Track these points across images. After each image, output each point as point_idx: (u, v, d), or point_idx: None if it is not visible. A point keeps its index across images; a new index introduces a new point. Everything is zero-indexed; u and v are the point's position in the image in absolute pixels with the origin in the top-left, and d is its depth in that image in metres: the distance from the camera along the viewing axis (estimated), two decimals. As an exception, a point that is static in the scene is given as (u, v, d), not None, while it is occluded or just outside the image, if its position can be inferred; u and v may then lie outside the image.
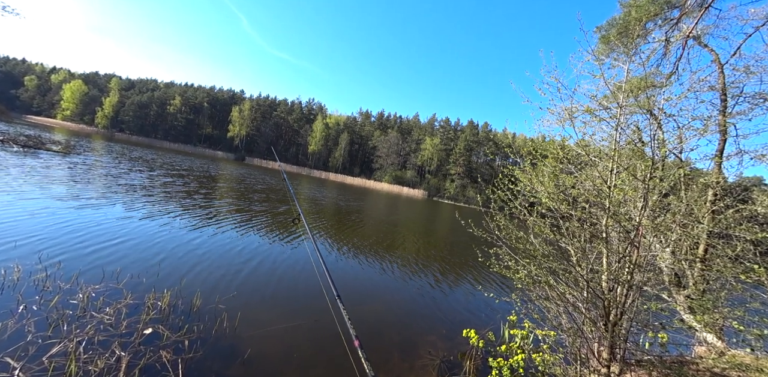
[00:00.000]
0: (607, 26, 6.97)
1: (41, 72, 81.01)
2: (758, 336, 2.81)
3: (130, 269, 4.45)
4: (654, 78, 5.51)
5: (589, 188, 3.04)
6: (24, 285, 3.57)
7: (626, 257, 2.64)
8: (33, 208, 6.21)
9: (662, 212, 3.34)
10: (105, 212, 6.94)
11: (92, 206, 7.23)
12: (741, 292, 3.11)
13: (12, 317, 2.99)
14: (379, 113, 77.68)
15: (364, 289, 5.73)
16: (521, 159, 3.69)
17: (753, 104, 4.40)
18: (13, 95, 73.46)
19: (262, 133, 68.51)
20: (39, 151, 15.15)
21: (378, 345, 3.87)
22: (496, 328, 4.84)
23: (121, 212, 7.20)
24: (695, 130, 3.05)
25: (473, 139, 62.36)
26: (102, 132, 63.88)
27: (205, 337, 3.30)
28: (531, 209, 3.30)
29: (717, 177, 3.88)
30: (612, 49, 6.51)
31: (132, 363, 2.69)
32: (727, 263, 3.11)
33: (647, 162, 2.63)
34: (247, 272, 5.31)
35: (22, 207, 6.13)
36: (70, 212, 6.43)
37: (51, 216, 5.96)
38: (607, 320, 2.65)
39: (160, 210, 8.13)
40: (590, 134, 3.16)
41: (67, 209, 6.59)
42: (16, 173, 8.97)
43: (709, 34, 5.77)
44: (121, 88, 74.59)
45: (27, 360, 2.50)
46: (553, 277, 2.96)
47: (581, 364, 2.86)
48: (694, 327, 3.43)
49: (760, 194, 3.42)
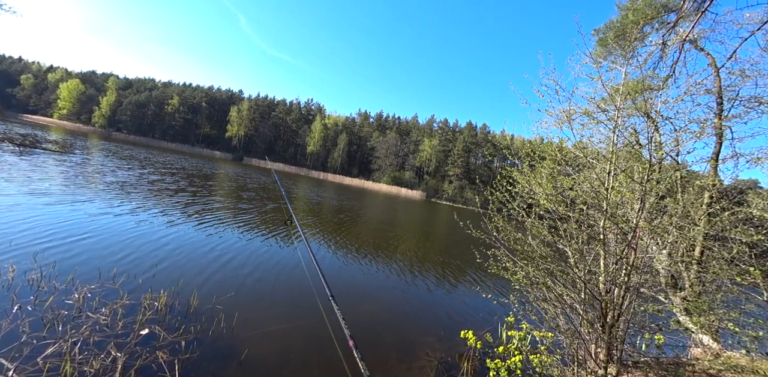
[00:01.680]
0: (604, 29, 7.02)
1: (38, 71, 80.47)
2: (753, 338, 2.83)
3: (127, 270, 4.42)
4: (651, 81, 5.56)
5: (586, 190, 3.06)
6: (19, 284, 3.53)
7: (623, 258, 2.65)
8: (26, 207, 6.16)
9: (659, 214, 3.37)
10: (101, 212, 6.89)
11: (88, 206, 7.17)
12: (737, 294, 3.14)
13: (6, 317, 2.96)
14: (377, 114, 77.77)
15: (360, 290, 5.72)
16: (519, 161, 3.71)
17: (748, 107, 4.44)
18: (9, 94, 72.88)
19: (260, 133, 68.38)
20: (35, 150, 15.04)
21: (375, 345, 3.86)
22: (493, 329, 4.85)
23: (117, 212, 7.15)
24: (692, 133, 3.08)
25: (472, 140, 62.52)
26: (99, 131, 63.48)
27: (201, 338, 3.28)
28: (529, 210, 3.31)
29: (713, 180, 3.91)
30: (609, 51, 6.56)
31: (128, 364, 2.66)
32: (723, 266, 3.14)
33: (644, 164, 2.65)
34: (245, 272, 5.29)
35: (15, 206, 6.08)
36: (63, 212, 6.37)
37: (44, 215, 5.91)
38: (604, 321, 2.66)
39: (157, 211, 8.08)
40: (588, 136, 3.19)
41: (59, 209, 6.54)
42: (10, 172, 8.90)
43: (705, 37, 5.83)
44: (119, 87, 74.22)
45: (21, 361, 2.47)
46: (550, 278, 2.97)
47: (578, 365, 2.87)
48: (691, 328, 3.45)
49: (755, 196, 3.45)
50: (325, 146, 67.18)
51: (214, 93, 75.76)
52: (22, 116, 63.63)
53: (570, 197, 3.22)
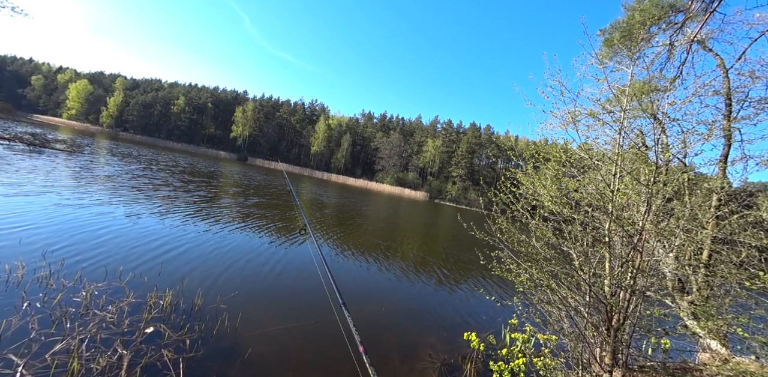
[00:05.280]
0: (610, 29, 6.96)
1: (48, 72, 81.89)
2: (763, 344, 2.78)
3: (133, 268, 4.48)
4: (658, 82, 5.50)
5: (591, 192, 3.03)
6: (28, 281, 3.60)
7: (629, 261, 2.63)
8: (36, 205, 6.27)
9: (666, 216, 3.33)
10: (109, 211, 6.98)
11: (96, 205, 7.28)
12: (746, 299, 3.08)
13: (16, 314, 3.01)
14: (381, 115, 77.85)
15: (363, 290, 5.73)
16: (524, 162, 3.69)
17: (758, 108, 4.37)
18: (20, 94, 74.25)
19: (264, 133, 68.78)
20: (44, 149, 15.30)
21: (377, 346, 3.86)
22: (497, 331, 4.82)
23: (125, 211, 7.24)
24: (699, 134, 3.04)
25: (475, 141, 62.28)
26: (106, 131, 64.35)
27: (206, 337, 3.31)
28: (533, 212, 3.29)
29: (721, 182, 3.85)
30: (615, 52, 6.50)
31: (133, 362, 2.70)
32: (731, 269, 3.09)
33: (651, 166, 2.62)
34: (249, 272, 5.32)
35: (26, 204, 6.19)
36: (74, 211, 6.48)
37: (54, 214, 6.01)
38: (609, 325, 2.63)
39: (162, 210, 8.18)
40: (593, 138, 3.16)
41: (71, 208, 6.64)
42: (21, 171, 9.06)
43: (713, 38, 5.75)
44: (126, 87, 75.20)
45: (30, 357, 2.52)
46: (555, 281, 2.95)
47: (583, 369, 2.84)
48: (698, 333, 3.39)
49: (765, 199, 3.39)
50: (328, 146, 67.37)
51: (219, 93, 76.43)
52: (33, 116, 64.75)
53: (575, 198, 3.20)
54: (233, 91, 79.19)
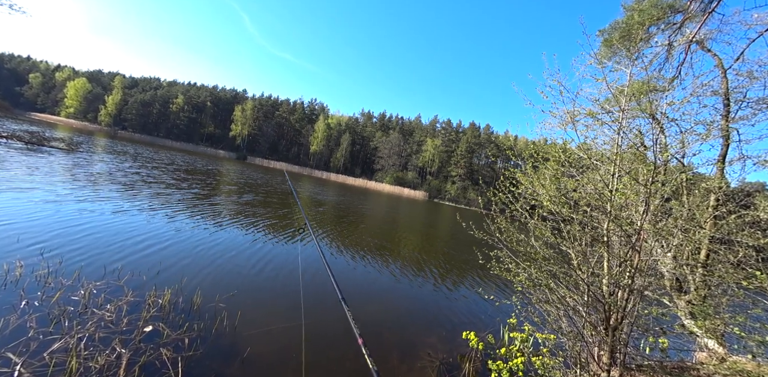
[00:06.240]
0: (609, 30, 6.97)
1: (46, 70, 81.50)
2: (760, 343, 2.79)
3: (131, 267, 4.47)
4: (656, 82, 5.51)
5: (590, 192, 3.04)
6: (26, 280, 3.59)
7: (627, 261, 2.64)
8: (33, 203, 6.24)
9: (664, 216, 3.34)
10: (109, 210, 6.97)
11: (94, 203, 7.26)
12: (743, 298, 3.10)
13: (14, 312, 3.00)
14: (380, 114, 77.78)
15: (362, 290, 5.73)
16: (523, 162, 3.70)
17: (756, 109, 4.38)
18: (18, 92, 73.92)
19: (264, 132, 68.66)
20: (42, 147, 15.24)
21: (376, 345, 3.87)
22: (495, 331, 4.83)
23: (125, 210, 7.22)
24: (698, 134, 3.06)
25: (475, 141, 62.31)
26: (105, 130, 64.08)
27: (205, 335, 3.30)
28: (532, 212, 3.30)
29: (719, 182, 3.87)
30: (614, 52, 6.51)
31: (132, 361, 2.69)
32: (729, 269, 3.11)
33: (649, 166, 2.63)
34: (247, 271, 5.32)
35: (23, 202, 6.16)
36: (70, 209, 6.45)
37: (53, 212, 5.99)
38: (607, 324, 2.64)
39: (161, 209, 8.16)
40: (592, 138, 3.16)
41: (67, 206, 6.62)
42: (17, 169, 9.02)
43: (712, 38, 5.76)
44: (125, 86, 74.91)
45: (28, 356, 2.51)
46: (553, 280, 2.96)
47: (581, 368, 2.85)
48: (695, 332, 3.41)
49: (762, 199, 3.41)
50: (328, 145, 67.30)
51: (218, 92, 76.23)
52: (31, 114, 64.39)
53: (573, 198, 3.21)
54: (232, 90, 78.97)
